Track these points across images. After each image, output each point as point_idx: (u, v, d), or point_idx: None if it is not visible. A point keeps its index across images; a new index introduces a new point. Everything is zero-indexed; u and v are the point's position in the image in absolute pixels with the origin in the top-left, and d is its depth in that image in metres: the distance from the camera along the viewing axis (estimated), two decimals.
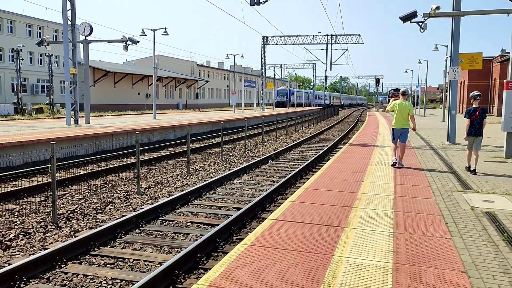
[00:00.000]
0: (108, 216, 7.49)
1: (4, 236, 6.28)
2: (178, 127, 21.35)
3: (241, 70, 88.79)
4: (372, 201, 6.46)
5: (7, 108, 36.57)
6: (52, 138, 13.12)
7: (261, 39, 49.30)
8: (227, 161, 14.08)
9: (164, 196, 9.01)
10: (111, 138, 16.27)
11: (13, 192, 8.66)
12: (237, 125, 28.87)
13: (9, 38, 44.97)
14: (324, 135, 25.22)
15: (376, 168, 9.56)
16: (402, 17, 12.80)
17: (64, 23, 19.32)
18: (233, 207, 8.10)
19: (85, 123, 20.60)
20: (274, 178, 11.17)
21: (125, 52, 29.46)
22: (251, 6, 21.99)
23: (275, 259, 4.09)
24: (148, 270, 5.16)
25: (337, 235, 4.85)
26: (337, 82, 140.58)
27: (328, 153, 16.25)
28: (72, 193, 9.09)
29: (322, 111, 47.05)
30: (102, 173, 11.23)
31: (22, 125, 19.55)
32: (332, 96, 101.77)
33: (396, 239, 4.73)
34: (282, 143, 19.99)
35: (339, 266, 3.95)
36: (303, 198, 6.60)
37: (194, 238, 6.34)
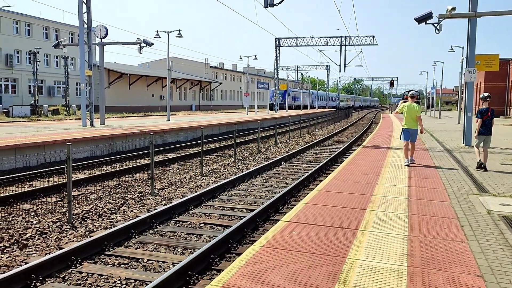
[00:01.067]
0: (123, 216, 7.56)
1: (21, 235, 6.38)
2: (192, 129, 21.46)
3: (255, 72, 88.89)
4: (386, 204, 6.41)
5: (24, 109, 37.15)
6: (68, 139, 13.30)
7: (275, 40, 49.32)
8: (240, 163, 14.10)
9: (177, 197, 9.06)
10: (125, 140, 16.42)
11: (30, 192, 8.80)
12: (250, 127, 28.89)
13: (26, 41, 45.71)
14: (338, 137, 25.09)
15: (390, 170, 9.49)
16: (417, 18, 12.69)
17: (80, 26, 19.58)
18: (246, 209, 8.11)
19: (100, 125, 20.84)
20: (287, 180, 11.16)
21: (140, 54, 29.71)
22: (264, 7, 21.99)
23: (288, 261, 4.09)
24: (161, 271, 5.19)
25: (351, 237, 4.82)
26: (351, 83, 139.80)
27: (341, 155, 16.17)
28: (87, 194, 9.19)
29: (334, 113, 46.80)
30: (117, 174, 11.35)
31: (39, 126, 19.85)
32: (339, 97, 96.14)
33: (411, 242, 4.68)
34: (295, 145, 19.94)
35: (353, 268, 3.93)
36: (317, 200, 6.58)
37: (207, 239, 6.36)
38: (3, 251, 5.77)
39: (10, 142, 12.19)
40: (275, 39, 49.23)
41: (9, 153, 11.74)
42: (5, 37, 43.68)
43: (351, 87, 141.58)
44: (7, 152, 11.68)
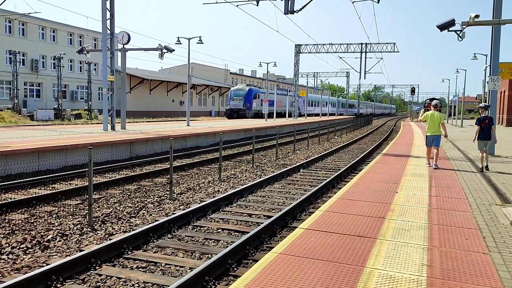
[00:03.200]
0: (142, 220, 7.64)
1: (43, 237, 6.50)
2: (211, 134, 21.59)
3: (274, 78, 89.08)
4: (406, 213, 6.33)
5: (48, 113, 37.98)
6: (90, 143, 13.53)
7: (294, 47, 49.36)
8: (258, 169, 14.11)
9: (195, 202, 9.11)
10: (145, 144, 16.62)
11: (52, 195, 8.97)
12: (268, 133, 28.90)
13: (51, 46, 46.82)
14: (357, 145, 24.89)
15: (410, 179, 9.36)
16: (439, 26, 12.55)
17: (103, 32, 19.97)
18: (264, 215, 8.11)
19: (121, 129, 21.14)
20: (305, 187, 11.11)
21: (161, 60, 30.12)
22: (285, 14, 22.07)
23: (305, 268, 4.07)
24: (179, 275, 5.22)
25: (369, 246, 4.77)
26: (371, 91, 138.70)
27: (361, 163, 16.02)
28: (107, 197, 9.33)
29: (354, 120, 46.24)
30: (137, 178, 11.48)
31: (62, 130, 20.25)
32: (340, 103, 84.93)
33: (431, 253, 4.61)
34: (314, 152, 19.86)
35: (371, 278, 3.89)
36: (335, 208, 6.54)
37: (224, 245, 6.37)
38: (25, 252, 5.90)
39: (34, 145, 12.47)
40: (295, 45, 49.28)
41: (33, 156, 12.01)
42: (31, 43, 44.83)
43: (371, 94, 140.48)
44: (31, 155, 11.94)
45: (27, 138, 15.13)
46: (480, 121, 11.08)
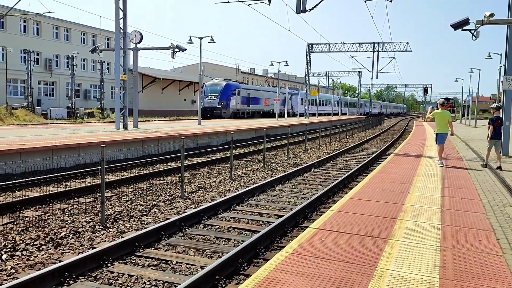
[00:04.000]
0: (153, 218, 7.68)
1: (56, 234, 6.58)
2: (222, 133, 21.63)
3: (285, 78, 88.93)
4: (418, 214, 6.27)
5: (61, 112, 38.40)
6: (103, 142, 13.65)
7: (306, 46, 49.22)
8: (269, 168, 14.10)
9: (206, 200, 9.14)
10: (157, 143, 16.72)
11: (65, 192, 9.07)
12: (279, 132, 28.86)
13: (65, 46, 47.31)
14: (369, 144, 24.74)
15: (423, 180, 9.28)
16: (453, 25, 12.40)
17: (116, 31, 20.12)
18: (275, 214, 8.10)
19: (133, 128, 21.29)
20: (317, 187, 11.08)
21: (173, 59, 30.30)
22: (296, 14, 22.00)
23: (316, 268, 4.06)
24: (190, 273, 5.25)
25: (381, 246, 4.74)
26: (383, 90, 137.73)
27: (372, 163, 15.92)
28: (119, 195, 9.40)
29: (366, 120, 45.79)
30: (148, 177, 11.56)
31: (75, 129, 20.46)
32: (342, 101, 74.57)
33: (443, 254, 4.56)
34: (325, 151, 19.79)
35: (383, 278, 3.86)
36: (346, 208, 6.51)
37: (235, 244, 6.39)
38: (38, 249, 5.97)
39: (48, 144, 12.62)
40: (307, 45, 49.13)
41: (47, 154, 12.15)
42: (46, 42, 45.36)
43: (383, 94, 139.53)
44: (45, 153, 12.09)
45: (41, 136, 15.31)
46: (493, 121, 11.54)
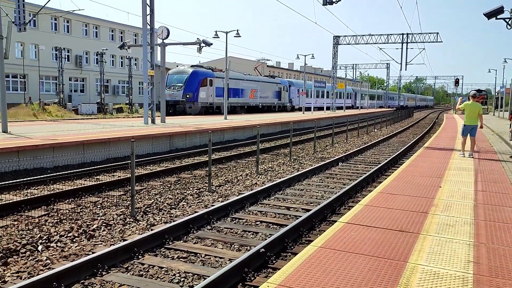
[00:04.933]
0: (182, 211, 7.78)
1: (88, 226, 6.75)
2: (248, 127, 21.67)
3: (312, 71, 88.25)
4: (450, 208, 6.13)
5: (91, 107, 39.28)
6: (132, 136, 13.89)
7: (333, 39, 48.69)
8: (296, 162, 14.05)
9: (234, 194, 9.19)
10: (184, 137, 16.89)
11: (97, 186, 9.29)
12: (306, 126, 28.70)
13: (94, 42, 48.33)
14: (398, 138, 24.32)
15: (454, 173, 9.06)
16: (486, 14, 12.01)
17: (143, 27, 20.37)
18: (302, 208, 8.07)
19: (161, 122, 21.57)
20: (344, 181, 10.97)
21: (199, 54, 30.57)
22: (323, 6, 21.78)
23: (346, 262, 4.02)
24: (218, 266, 5.29)
25: (412, 241, 4.66)
26: (412, 82, 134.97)
27: (401, 157, 15.65)
28: (148, 189, 9.56)
29: (394, 113, 44.83)
30: (176, 170, 11.70)
31: (104, 124, 20.89)
32: (356, 93, 64.29)
33: (477, 249, 4.45)
34: (353, 145, 19.57)
35: (414, 273, 3.79)
36: (375, 202, 6.42)
37: (263, 237, 6.40)
38: (72, 240, 6.14)
39: (79, 138, 12.93)
40: (333, 37, 48.59)
41: (78, 149, 12.46)
42: (75, 39, 46.42)
43: (412, 86, 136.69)
44: (76, 148, 12.40)
45: (73, 131, 15.70)
46: None
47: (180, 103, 31.09)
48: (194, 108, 31.63)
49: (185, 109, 31.03)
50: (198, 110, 31.98)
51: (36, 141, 11.99)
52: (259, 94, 40.63)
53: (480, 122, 11.80)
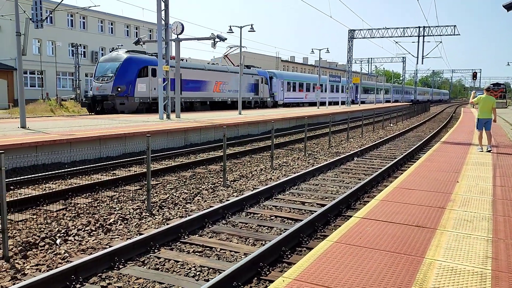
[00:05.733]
0: (197, 206, 7.83)
1: (105, 220, 6.84)
2: (262, 122, 21.65)
3: (326, 65, 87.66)
4: (468, 203, 6.04)
5: None
6: (147, 131, 14.01)
7: (348, 32, 48.21)
8: (311, 157, 14.00)
9: (248, 189, 9.20)
10: (199, 132, 16.97)
11: (113, 180, 9.39)
12: (321, 121, 28.56)
13: (109, 38, 48.75)
14: (414, 132, 24.04)
15: (472, 168, 8.92)
16: (506, 5, 11.76)
17: (158, 23, 20.47)
18: (317, 203, 8.05)
19: (175, 118, 21.70)
20: (360, 176, 10.90)
21: (214, 49, 30.39)
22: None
23: (362, 257, 4.00)
24: (234, 260, 5.31)
25: (429, 237, 4.61)
26: (429, 76, 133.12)
27: (418, 151, 15.48)
28: (164, 183, 9.63)
29: (411, 107, 44.12)
30: (191, 165, 11.77)
31: (120, 119, 21.08)
32: (355, 86, 55.16)
33: (496, 245, 4.38)
34: (368, 140, 19.41)
35: (431, 269, 3.76)
36: (392, 197, 6.36)
37: (278, 232, 6.40)
38: (89, 234, 6.23)
39: (96, 134, 13.08)
40: (348, 30, 48.11)
41: (95, 144, 12.61)
42: (91, 35, 46.88)
43: (429, 80, 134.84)
44: (93, 143, 12.55)
45: (89, 126, 15.89)
46: None
47: (108, 99, 24.54)
48: (128, 104, 25.14)
49: (115, 106, 24.61)
50: (134, 107, 25.50)
51: (53, 136, 12.17)
52: (227, 87, 33.76)
53: (493, 116, 11.72)
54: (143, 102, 26.01)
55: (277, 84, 41.27)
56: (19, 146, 10.61)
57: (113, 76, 24.97)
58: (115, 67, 25.25)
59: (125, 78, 25.07)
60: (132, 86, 25.25)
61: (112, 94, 24.52)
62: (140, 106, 25.89)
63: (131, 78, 25.27)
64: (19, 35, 14.75)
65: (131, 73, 25.32)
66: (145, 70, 26.08)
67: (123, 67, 25.22)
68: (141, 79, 25.72)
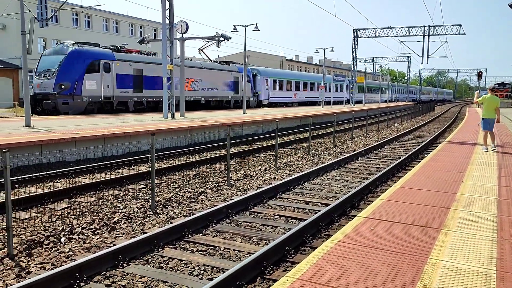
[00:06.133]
0: (201, 205, 7.83)
1: (109, 219, 6.85)
2: (266, 122, 21.64)
3: (331, 64, 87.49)
4: (473, 203, 6.01)
5: None
6: (152, 130, 14.03)
7: (353, 32, 48.13)
8: (315, 157, 13.98)
9: (252, 188, 9.20)
10: (203, 131, 16.98)
11: (117, 179, 9.42)
12: (325, 120, 28.52)
13: (114, 37, 48.83)
14: (419, 132, 23.96)
15: (477, 168, 8.88)
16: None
17: (163, 22, 20.48)
18: (321, 203, 8.04)
19: (180, 117, 21.72)
20: (364, 175, 10.87)
21: (218, 48, 30.27)
22: None
23: (366, 257, 3.99)
24: (237, 259, 5.31)
25: (433, 237, 4.59)
26: (434, 76, 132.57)
27: (422, 151, 15.42)
28: (168, 182, 9.65)
29: (416, 107, 43.95)
30: (195, 164, 11.78)
31: (125, 118, 21.11)
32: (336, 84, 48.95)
33: (500, 245, 4.35)
34: (372, 140, 19.36)
35: (435, 269, 3.74)
36: (396, 196, 6.34)
37: (281, 231, 6.40)
38: (94, 233, 6.25)
39: (100, 132, 13.12)
40: (353, 30, 48.03)
41: (99, 142, 12.65)
42: (96, 34, 46.98)
43: (434, 80, 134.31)
44: (97, 142, 12.59)
45: (93, 125, 15.94)
46: None
47: (49, 98, 21.39)
48: (73, 104, 21.86)
49: (56, 106, 21.43)
50: (82, 108, 22.23)
51: (58, 135, 12.22)
52: (200, 85, 30.02)
53: (497, 116, 11.72)
54: (93, 101, 22.67)
55: (261, 82, 37.61)
56: (24, 145, 10.66)
57: (55, 71, 21.69)
58: (58, 61, 21.93)
59: (70, 74, 21.80)
60: (79, 83, 22.02)
61: (54, 92, 21.38)
62: (89, 107, 22.67)
63: (78, 74, 21.98)
64: (24, 34, 14.81)
65: (77, 68, 22.02)
66: (96, 64, 22.75)
67: (68, 61, 21.88)
68: (91, 75, 22.42)
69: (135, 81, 24.86)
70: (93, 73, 22.48)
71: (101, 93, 23.04)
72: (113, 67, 23.62)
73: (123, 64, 24.25)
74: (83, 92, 22.16)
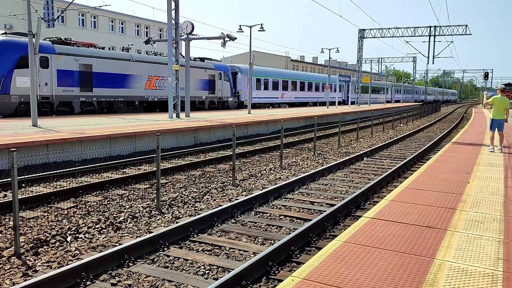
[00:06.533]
0: (206, 205, 7.85)
1: (115, 218, 6.88)
2: (272, 122, 21.64)
3: (336, 65, 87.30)
4: (479, 204, 5.99)
5: None
6: (157, 130, 14.07)
7: (358, 32, 48.00)
8: (320, 157, 13.96)
9: (257, 188, 9.21)
10: (208, 131, 17.00)
11: (123, 179, 9.45)
12: (330, 121, 28.47)
13: (120, 38, 49.02)
14: (424, 133, 23.87)
15: (483, 169, 8.83)
16: None
17: (168, 22, 20.53)
18: (326, 203, 8.03)
19: (185, 117, 21.76)
20: (369, 176, 10.85)
21: (223, 48, 30.24)
22: None
23: (371, 258, 3.98)
24: (243, 259, 5.32)
25: (439, 237, 4.57)
26: (440, 76, 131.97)
27: (428, 152, 15.36)
28: (173, 182, 9.67)
29: (421, 107, 43.80)
30: (201, 164, 11.80)
31: (130, 118, 21.18)
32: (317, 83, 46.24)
33: (507, 246, 4.33)
34: (378, 140, 19.31)
35: (441, 270, 3.73)
36: (401, 197, 6.32)
37: (287, 232, 6.40)
38: (100, 232, 6.28)
39: (106, 132, 13.17)
40: (359, 30, 47.89)
41: (105, 142, 12.70)
42: (102, 35, 47.20)
43: (440, 80, 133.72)
44: (103, 141, 12.65)
45: (100, 125, 16.00)
46: None
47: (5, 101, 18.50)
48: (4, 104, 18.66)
49: None
50: (11, 109, 18.94)
51: (64, 134, 12.28)
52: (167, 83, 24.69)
53: (506, 116, 11.87)
54: (25, 101, 18.83)
55: (243, 81, 33.98)
56: (30, 144, 10.72)
57: None
58: None
59: None
60: (7, 80, 18.65)
61: None
62: (21, 107, 19.21)
63: (6, 69, 18.68)
64: (31, 34, 14.90)
65: (5, 63, 18.68)
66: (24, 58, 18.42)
67: None
68: (23, 70, 18.69)
69: (82, 78, 21.63)
70: (26, 68, 17.30)
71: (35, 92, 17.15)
72: (52, 62, 20.28)
73: (66, 58, 20.93)
74: (12, 90, 18.74)
